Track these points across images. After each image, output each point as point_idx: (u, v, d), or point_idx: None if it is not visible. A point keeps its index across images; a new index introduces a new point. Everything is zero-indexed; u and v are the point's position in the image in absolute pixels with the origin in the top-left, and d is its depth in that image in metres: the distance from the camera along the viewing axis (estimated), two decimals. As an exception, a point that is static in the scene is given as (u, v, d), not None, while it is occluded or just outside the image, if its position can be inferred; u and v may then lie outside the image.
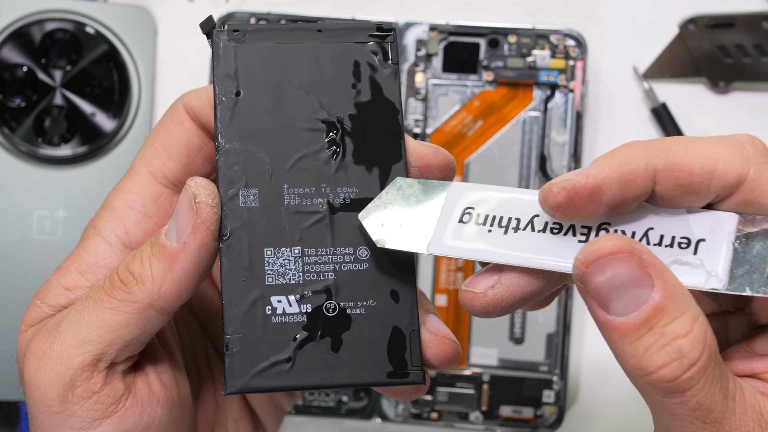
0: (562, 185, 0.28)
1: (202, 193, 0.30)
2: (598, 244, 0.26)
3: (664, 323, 0.26)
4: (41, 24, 0.53)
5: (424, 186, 0.32)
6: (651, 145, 0.28)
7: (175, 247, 0.30)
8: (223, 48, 0.33)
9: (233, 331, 0.31)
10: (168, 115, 0.36)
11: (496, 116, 0.52)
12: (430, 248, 0.31)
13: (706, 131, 0.53)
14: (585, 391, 0.53)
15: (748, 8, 0.53)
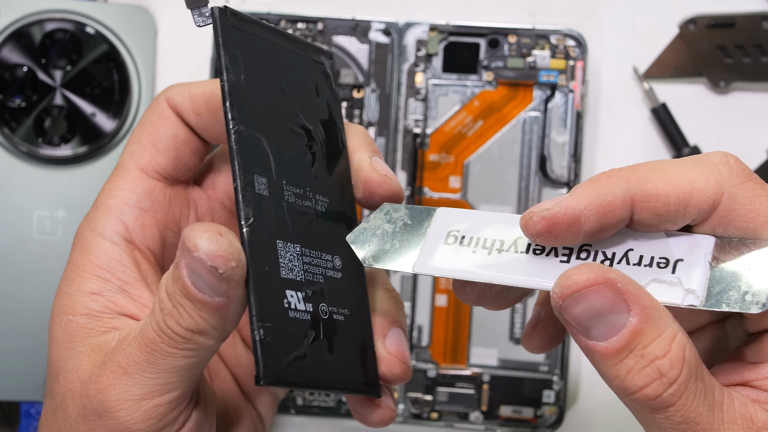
0: (541, 215, 0.29)
1: (222, 264, 0.28)
2: (572, 279, 0.27)
3: (643, 345, 0.27)
4: (41, 24, 0.53)
5: (410, 211, 0.33)
6: (629, 174, 0.29)
7: (219, 300, 0.29)
8: (230, 30, 0.32)
9: (264, 318, 0.30)
10: (152, 110, 0.36)
11: (496, 116, 0.52)
12: (416, 268, 0.32)
13: (706, 131, 0.53)
14: (585, 391, 0.53)
15: (748, 8, 0.53)
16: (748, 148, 0.53)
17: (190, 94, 0.35)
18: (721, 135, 0.54)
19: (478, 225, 0.32)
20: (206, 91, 0.35)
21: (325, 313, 0.32)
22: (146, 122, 0.36)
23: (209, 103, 0.35)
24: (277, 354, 0.30)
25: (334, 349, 0.32)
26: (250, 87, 0.32)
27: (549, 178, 0.52)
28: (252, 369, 0.39)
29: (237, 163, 0.30)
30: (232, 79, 0.31)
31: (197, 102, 0.35)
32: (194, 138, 0.36)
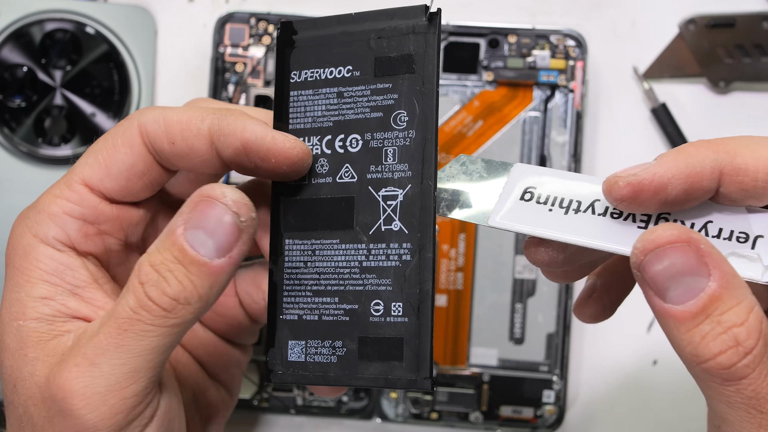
0: (628, 180, 0.29)
1: (245, 212, 0.30)
2: (656, 233, 0.27)
3: (721, 312, 0.26)
4: (41, 24, 0.53)
5: (487, 164, 0.33)
6: (718, 146, 0.29)
7: (220, 262, 0.30)
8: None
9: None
10: (120, 131, 0.35)
11: (496, 116, 0.52)
12: (491, 221, 0.32)
13: (706, 131, 0.53)
14: (585, 391, 0.53)
15: (748, 8, 0.53)
16: (748, 148, 0.53)
17: (166, 121, 0.34)
18: (721, 135, 0.53)
19: (555, 183, 0.32)
20: (182, 119, 0.34)
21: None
22: (110, 141, 0.35)
23: (185, 132, 0.34)
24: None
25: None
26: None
27: (549, 178, 0.52)
28: (217, 348, 0.40)
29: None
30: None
31: (172, 131, 0.34)
32: (154, 170, 0.35)
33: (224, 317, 0.40)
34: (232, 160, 0.34)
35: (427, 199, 0.33)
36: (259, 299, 0.40)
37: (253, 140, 0.33)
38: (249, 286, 0.40)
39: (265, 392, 0.52)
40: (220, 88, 0.53)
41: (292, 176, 0.34)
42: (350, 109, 0.34)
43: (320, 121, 0.35)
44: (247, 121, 0.34)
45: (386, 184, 0.34)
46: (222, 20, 0.53)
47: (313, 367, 0.34)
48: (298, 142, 0.34)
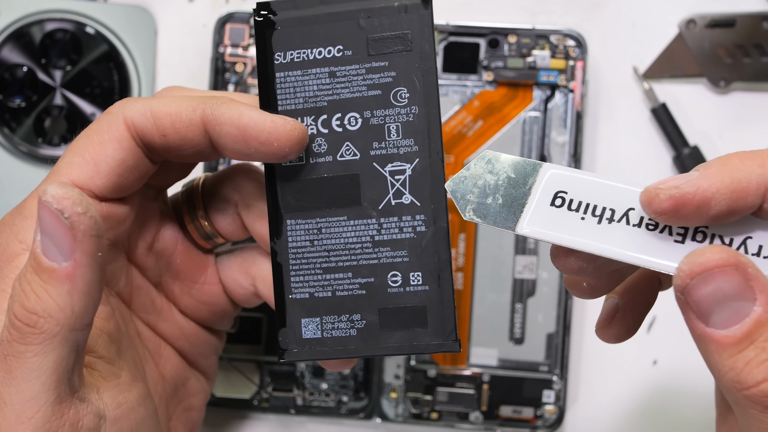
0: (669, 193, 0.28)
1: (69, 207, 0.27)
2: (705, 257, 0.26)
3: (766, 337, 0.26)
4: (41, 24, 0.53)
5: (514, 163, 0.31)
6: (764, 159, 0.28)
7: (66, 266, 0.28)
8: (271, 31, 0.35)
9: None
10: (105, 125, 0.34)
11: (496, 116, 0.52)
12: (520, 228, 0.31)
13: (706, 131, 0.53)
14: (585, 391, 0.53)
15: (748, 8, 0.53)
16: (748, 148, 0.53)
17: (154, 114, 0.34)
18: (721, 135, 0.54)
19: (587, 188, 0.30)
20: (171, 110, 0.34)
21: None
22: (95, 137, 0.34)
23: (176, 124, 0.34)
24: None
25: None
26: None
27: (549, 178, 0.52)
28: (198, 337, 0.41)
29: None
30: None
31: (162, 123, 0.34)
32: (143, 163, 0.35)
33: (208, 305, 0.40)
34: (227, 147, 0.34)
35: (438, 171, 0.34)
36: (247, 285, 0.40)
37: (252, 126, 0.33)
38: (235, 272, 0.40)
39: (265, 392, 0.52)
40: (220, 88, 0.53)
41: (292, 157, 0.34)
42: (345, 88, 0.35)
43: (313, 101, 0.35)
44: (242, 108, 0.34)
45: (392, 160, 0.34)
46: (222, 20, 0.53)
47: (332, 341, 0.35)
48: (297, 122, 0.34)
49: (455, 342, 0.34)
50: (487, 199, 0.31)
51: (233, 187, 0.39)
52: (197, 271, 0.40)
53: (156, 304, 0.39)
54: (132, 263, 0.38)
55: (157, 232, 0.39)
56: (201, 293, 0.40)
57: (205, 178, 0.40)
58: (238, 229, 0.39)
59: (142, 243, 0.38)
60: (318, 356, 0.35)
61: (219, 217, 0.39)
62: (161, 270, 0.39)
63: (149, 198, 0.38)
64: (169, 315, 0.40)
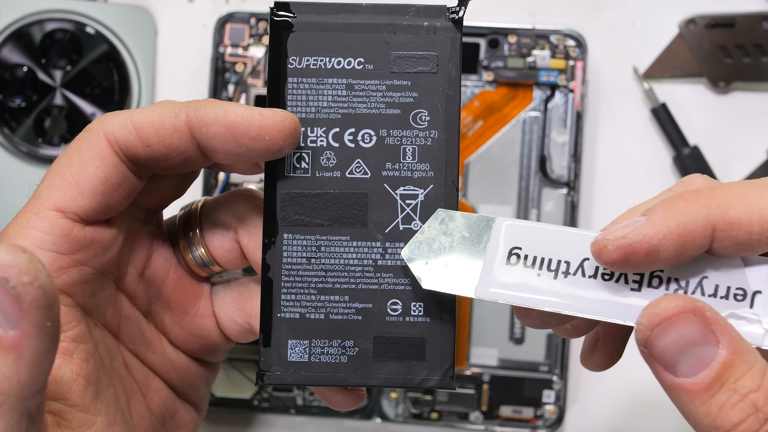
0: (617, 243, 0.28)
1: (14, 276, 0.25)
2: (661, 306, 0.26)
3: (735, 378, 0.26)
4: (41, 24, 0.53)
5: (467, 220, 0.31)
6: (709, 199, 0.28)
7: (12, 335, 0.26)
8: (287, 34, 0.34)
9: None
10: (85, 143, 0.32)
11: (496, 116, 0.52)
12: (477, 292, 0.30)
13: (706, 131, 0.53)
14: (585, 391, 0.53)
15: (748, 8, 0.53)
16: (748, 148, 0.53)
17: (135, 125, 0.32)
18: (721, 135, 0.54)
19: (541, 242, 0.30)
20: (153, 119, 0.32)
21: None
22: (75, 156, 0.32)
23: (160, 132, 0.32)
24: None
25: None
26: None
27: (549, 178, 0.52)
28: (188, 369, 0.38)
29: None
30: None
31: (145, 133, 0.32)
32: (129, 179, 0.33)
33: (199, 338, 0.38)
34: (217, 149, 0.32)
35: (452, 200, 0.33)
36: (241, 321, 0.38)
37: (240, 122, 0.32)
38: (229, 307, 0.38)
39: (265, 392, 0.52)
40: (220, 88, 0.53)
41: (287, 151, 0.33)
42: (362, 102, 0.33)
43: (326, 112, 0.33)
44: (227, 105, 0.32)
45: (405, 183, 0.33)
46: (222, 20, 0.53)
47: (320, 367, 0.33)
48: (287, 113, 0.32)
49: (451, 380, 0.33)
50: (443, 263, 0.31)
51: (233, 212, 0.37)
52: (189, 302, 0.38)
53: (145, 335, 0.37)
54: (121, 291, 0.36)
55: (148, 258, 0.37)
56: (192, 325, 0.38)
57: (204, 201, 0.38)
58: (237, 258, 0.37)
59: (132, 269, 0.36)
60: (302, 381, 0.33)
61: (217, 244, 0.37)
62: (152, 299, 0.37)
63: (140, 221, 0.36)
64: (158, 346, 0.38)
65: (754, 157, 0.53)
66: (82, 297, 0.33)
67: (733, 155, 0.53)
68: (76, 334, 0.33)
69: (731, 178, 0.53)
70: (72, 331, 0.33)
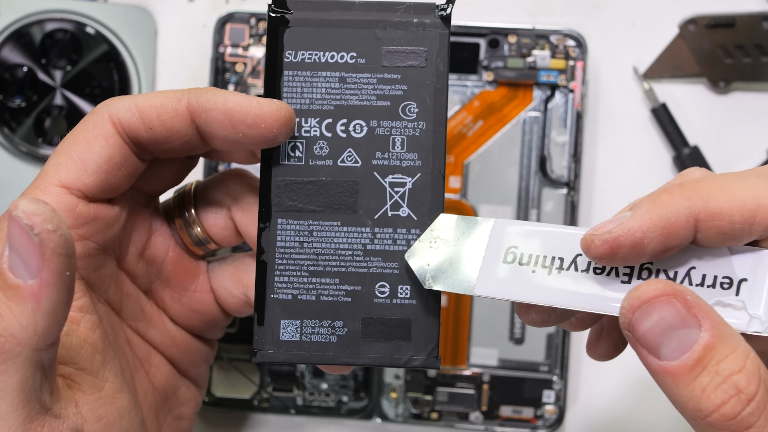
0: (603, 238, 0.28)
1: (39, 223, 0.26)
2: (641, 290, 0.27)
3: (717, 361, 0.26)
4: (41, 24, 0.53)
5: (467, 222, 0.33)
6: (692, 191, 0.28)
7: (32, 284, 0.27)
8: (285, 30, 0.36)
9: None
10: (90, 124, 0.34)
11: (496, 116, 0.52)
12: (477, 290, 0.32)
13: (706, 131, 0.53)
14: (585, 391, 0.53)
15: (748, 8, 0.53)
16: (748, 148, 0.53)
17: (139, 107, 0.34)
18: (721, 135, 0.54)
19: (536, 240, 0.32)
20: (155, 103, 0.34)
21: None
22: (81, 136, 0.34)
23: (162, 115, 0.34)
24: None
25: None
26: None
27: (549, 178, 0.52)
28: (189, 345, 0.40)
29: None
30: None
31: (148, 116, 0.34)
32: (131, 160, 0.34)
33: (198, 313, 0.40)
34: (215, 134, 0.34)
35: (438, 188, 0.34)
36: (239, 294, 0.39)
37: (238, 109, 0.33)
38: (227, 281, 0.39)
39: (265, 392, 0.52)
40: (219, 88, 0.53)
41: (282, 139, 0.34)
42: (354, 95, 0.35)
43: (319, 104, 0.35)
44: (226, 93, 0.34)
45: (394, 171, 0.35)
46: (222, 20, 0.53)
47: (310, 346, 0.34)
48: (283, 103, 0.34)
49: (436, 359, 0.34)
50: (443, 264, 0.33)
51: (226, 191, 0.39)
52: (188, 279, 0.39)
53: (146, 312, 0.39)
54: (122, 270, 0.37)
55: (148, 239, 0.38)
56: (192, 301, 0.39)
57: (198, 183, 0.40)
58: (231, 235, 0.39)
59: (133, 249, 0.37)
60: (293, 359, 0.34)
61: (212, 222, 0.39)
62: (152, 277, 0.39)
63: (141, 203, 0.38)
64: (159, 323, 0.39)
65: (754, 157, 0.53)
66: (86, 271, 0.35)
67: (733, 155, 0.53)
68: (82, 305, 0.34)
69: (731, 178, 0.53)
70: (78, 302, 0.34)
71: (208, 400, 0.52)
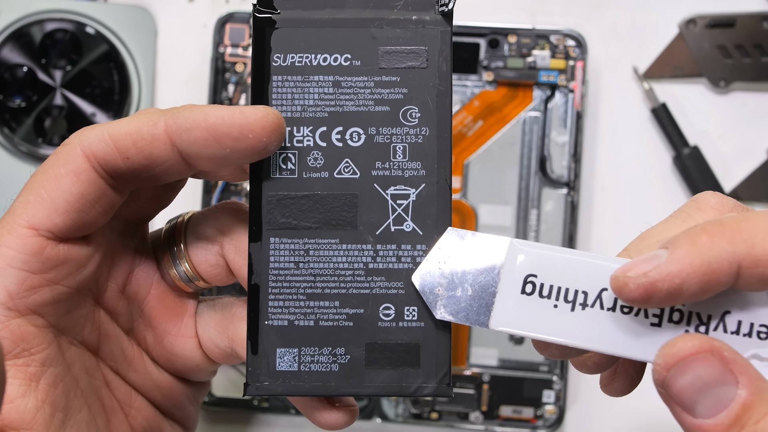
0: (638, 281, 0.27)
1: None
2: (677, 347, 0.26)
3: (755, 420, 0.25)
4: (41, 24, 0.53)
5: (479, 241, 0.30)
6: (735, 235, 0.27)
7: None
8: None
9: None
10: (62, 159, 0.31)
11: (496, 116, 0.52)
12: (493, 324, 0.30)
13: (706, 131, 0.53)
14: (585, 391, 0.53)
15: (748, 8, 0.53)
16: (748, 148, 0.53)
17: (112, 137, 0.31)
18: (721, 135, 0.54)
19: (558, 270, 0.29)
20: (130, 130, 0.31)
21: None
22: (51, 171, 0.31)
23: (138, 142, 0.31)
24: None
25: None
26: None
27: (549, 178, 0.52)
28: (173, 388, 0.37)
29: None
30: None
31: (123, 144, 0.31)
32: (107, 195, 0.32)
33: (181, 358, 0.37)
34: (200, 154, 0.31)
35: (445, 200, 0.32)
36: (223, 345, 0.36)
37: (221, 123, 0.30)
38: (212, 329, 0.36)
39: (265, 392, 0.52)
40: (220, 88, 0.53)
41: (273, 149, 0.31)
42: (350, 100, 0.32)
43: (312, 111, 0.32)
44: (205, 108, 0.31)
45: (396, 182, 0.32)
46: (222, 20, 0.53)
47: (310, 376, 0.32)
48: (269, 108, 0.31)
49: (448, 387, 0.32)
50: (456, 291, 0.30)
51: (217, 226, 0.35)
52: (172, 320, 0.36)
53: (126, 353, 0.36)
54: (100, 307, 0.35)
55: (129, 273, 0.35)
56: (173, 345, 0.36)
57: (193, 215, 0.37)
58: (222, 273, 0.36)
59: (113, 285, 0.35)
60: (292, 391, 0.32)
61: (201, 259, 0.35)
62: (134, 315, 0.36)
63: (123, 234, 0.35)
64: (140, 365, 0.36)
65: (754, 157, 0.53)
66: (55, 317, 0.32)
67: (733, 155, 0.53)
68: (45, 357, 0.32)
69: (731, 178, 0.53)
70: (41, 354, 0.32)
71: (208, 400, 0.52)
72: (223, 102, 0.53)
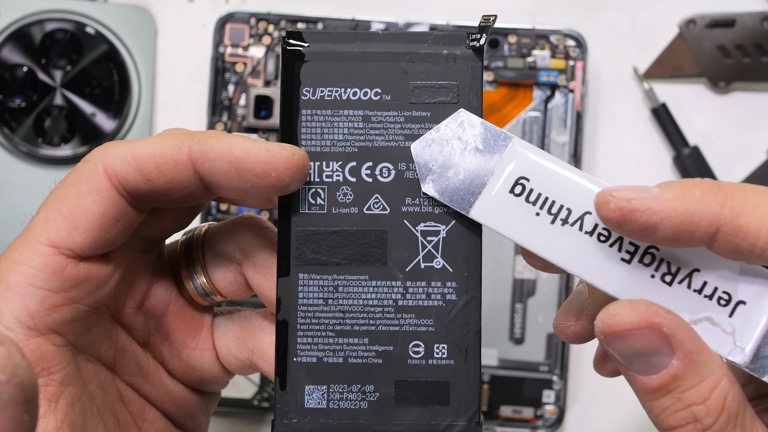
0: (619, 204, 0.27)
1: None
2: (615, 319, 0.26)
3: (682, 389, 0.26)
4: (41, 24, 0.53)
5: (485, 131, 0.30)
6: (725, 199, 0.27)
7: None
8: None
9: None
10: (83, 176, 0.31)
11: (496, 116, 0.52)
12: (474, 213, 0.30)
13: (706, 131, 0.53)
14: (585, 391, 0.53)
15: (748, 8, 0.53)
16: (748, 148, 0.53)
17: (135, 158, 0.31)
18: (721, 135, 0.54)
19: (550, 179, 0.29)
20: (154, 152, 0.31)
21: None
22: (72, 189, 0.31)
23: (161, 166, 0.31)
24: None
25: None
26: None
27: (549, 178, 0.52)
28: (186, 400, 0.37)
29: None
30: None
31: (146, 166, 0.31)
32: (128, 214, 0.31)
33: (198, 371, 0.37)
34: (221, 184, 0.31)
35: (475, 236, 0.32)
36: (243, 357, 0.36)
37: (246, 157, 0.30)
38: (230, 342, 0.36)
39: (265, 392, 0.52)
40: (220, 88, 0.53)
41: (294, 187, 0.31)
42: (380, 135, 0.32)
43: (342, 146, 0.32)
44: (232, 139, 0.31)
45: (426, 219, 0.32)
46: (222, 20, 0.53)
47: (339, 414, 0.32)
48: (295, 148, 0.31)
49: (478, 425, 0.31)
50: (448, 171, 0.30)
51: (236, 243, 0.35)
52: (189, 334, 0.36)
53: (142, 367, 0.36)
54: (117, 323, 0.35)
55: (148, 290, 0.35)
56: (191, 358, 0.36)
57: (210, 227, 0.36)
58: (241, 289, 0.36)
59: (131, 301, 0.35)
60: (320, 429, 0.31)
61: (220, 275, 0.35)
62: (150, 329, 0.36)
63: (142, 251, 0.35)
64: (155, 378, 0.36)
65: (754, 157, 0.53)
66: (74, 335, 0.32)
67: (733, 155, 0.53)
68: (64, 377, 0.32)
69: (731, 178, 0.53)
70: (60, 374, 0.31)
71: (208, 400, 0.52)
72: (223, 102, 0.53)
